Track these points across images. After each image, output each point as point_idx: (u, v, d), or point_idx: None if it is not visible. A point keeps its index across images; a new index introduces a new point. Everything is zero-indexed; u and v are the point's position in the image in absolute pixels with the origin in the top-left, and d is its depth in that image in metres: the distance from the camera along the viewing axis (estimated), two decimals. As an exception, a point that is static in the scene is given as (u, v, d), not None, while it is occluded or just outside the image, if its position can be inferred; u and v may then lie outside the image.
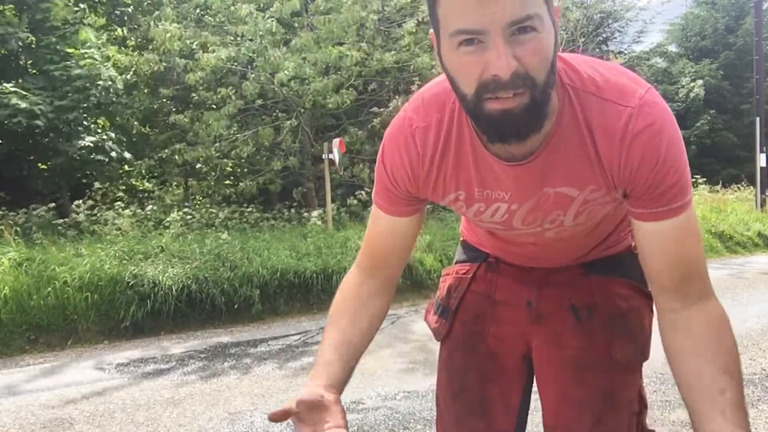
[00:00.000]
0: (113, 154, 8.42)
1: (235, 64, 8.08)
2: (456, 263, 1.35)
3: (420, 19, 8.77)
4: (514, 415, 1.21)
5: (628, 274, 1.16)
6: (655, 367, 3.72)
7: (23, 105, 6.92)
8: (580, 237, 1.11)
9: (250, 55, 7.76)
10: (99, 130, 8.93)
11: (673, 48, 22.06)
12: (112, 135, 8.77)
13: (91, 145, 8.05)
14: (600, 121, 0.89)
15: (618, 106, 0.88)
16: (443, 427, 1.28)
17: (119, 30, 10.20)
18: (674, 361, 0.94)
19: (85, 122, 8.19)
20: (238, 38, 7.96)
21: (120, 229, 6.44)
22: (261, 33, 7.64)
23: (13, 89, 7.08)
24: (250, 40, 7.73)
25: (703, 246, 0.99)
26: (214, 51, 7.45)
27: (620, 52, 18.63)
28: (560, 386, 1.16)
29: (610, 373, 1.13)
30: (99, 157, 8.21)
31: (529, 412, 1.25)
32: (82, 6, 8.76)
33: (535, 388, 1.25)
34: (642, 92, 0.89)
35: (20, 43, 7.69)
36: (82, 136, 8.04)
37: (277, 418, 0.89)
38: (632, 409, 1.14)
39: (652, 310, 1.18)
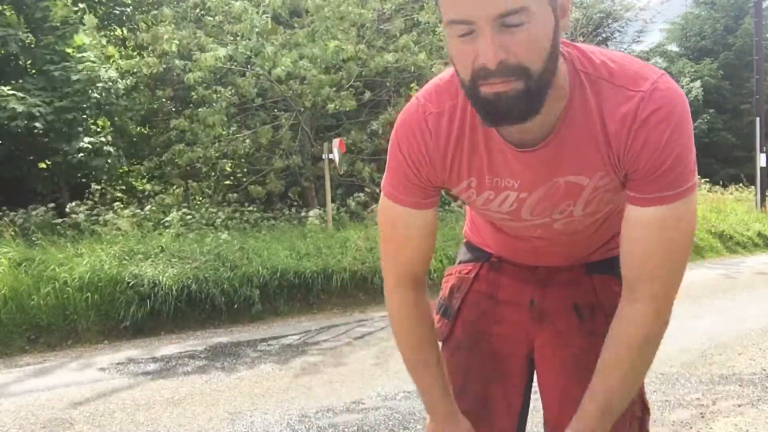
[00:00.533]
0: (110, 159, 8.39)
1: (235, 64, 8.08)
2: (459, 263, 1.35)
3: (415, 20, 8.78)
4: (516, 416, 1.22)
5: None
6: (655, 367, 3.72)
7: (20, 108, 6.90)
8: (588, 231, 1.11)
9: (247, 53, 7.75)
10: (99, 131, 8.91)
11: (673, 48, 22.08)
12: (110, 138, 8.76)
13: (89, 146, 8.04)
14: (611, 106, 0.90)
15: (629, 92, 0.89)
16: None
17: (119, 30, 10.20)
18: None
19: (84, 124, 8.17)
20: (238, 38, 7.96)
21: (120, 229, 6.43)
22: (257, 30, 7.64)
23: (11, 92, 7.06)
24: (248, 39, 7.73)
25: (686, 253, 0.96)
26: (211, 50, 7.46)
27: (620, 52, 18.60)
28: (562, 386, 1.16)
29: None
30: (97, 160, 8.18)
31: (529, 411, 1.26)
32: (81, 5, 8.74)
33: (536, 387, 1.25)
34: (655, 78, 0.90)
35: (20, 44, 7.68)
36: (81, 137, 8.02)
37: None
38: (634, 413, 1.13)
39: None
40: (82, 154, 7.92)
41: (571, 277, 1.18)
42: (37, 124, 7.10)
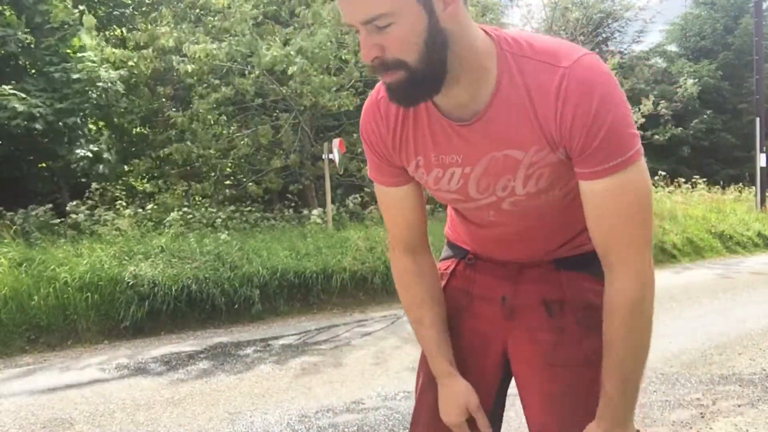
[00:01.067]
0: (108, 166, 8.38)
1: (235, 63, 8.08)
2: (440, 261, 1.39)
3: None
4: (488, 411, 1.23)
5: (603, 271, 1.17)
6: (655, 367, 3.73)
7: (21, 108, 6.90)
8: (547, 219, 1.12)
9: (243, 50, 7.74)
10: (98, 136, 8.90)
11: (672, 48, 22.07)
12: (109, 144, 8.75)
13: (90, 155, 8.04)
14: (536, 82, 0.95)
15: (553, 67, 0.94)
16: (419, 420, 1.29)
17: (118, 30, 10.20)
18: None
19: (84, 128, 8.16)
20: (236, 36, 7.96)
21: (119, 229, 6.43)
22: (248, 24, 7.64)
23: (12, 92, 7.06)
24: (241, 35, 7.73)
25: (644, 217, 0.99)
26: (203, 45, 7.47)
27: (620, 52, 18.62)
28: (534, 381, 1.17)
29: (582, 368, 1.13)
30: (96, 166, 8.19)
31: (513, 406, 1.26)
32: (81, 8, 8.73)
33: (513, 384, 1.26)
34: (578, 55, 0.95)
35: (19, 45, 7.67)
36: (79, 142, 8.02)
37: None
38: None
39: None
40: (83, 162, 7.92)
41: (541, 273, 1.20)
42: (37, 126, 7.09)
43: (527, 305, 1.19)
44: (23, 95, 7.10)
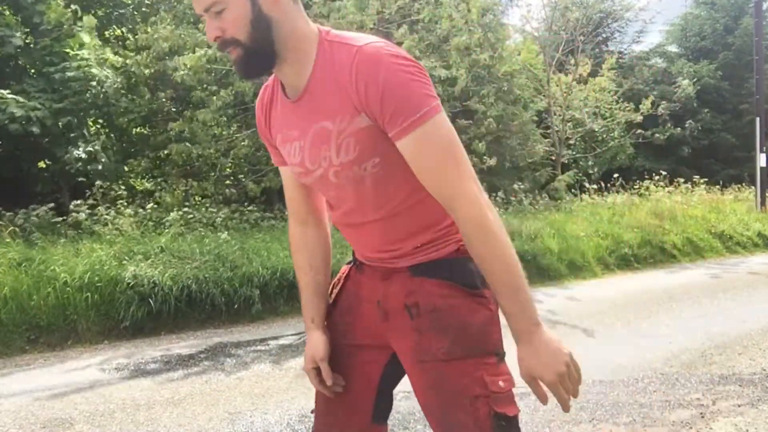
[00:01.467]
0: (105, 168, 8.36)
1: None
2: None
3: (414, 20, 8.76)
4: (372, 398, 1.39)
5: (452, 276, 1.26)
6: (655, 367, 3.73)
7: (19, 113, 6.89)
8: (381, 202, 1.23)
9: None
10: (96, 138, 8.87)
11: (672, 48, 22.08)
12: (106, 144, 8.71)
13: (85, 156, 8.02)
14: (339, 60, 1.14)
15: (350, 47, 1.14)
16: (317, 408, 1.52)
17: (119, 30, 10.18)
18: None
19: (83, 129, 8.13)
20: None
21: (119, 229, 6.43)
22: None
23: (11, 96, 7.05)
24: None
25: (454, 156, 1.13)
26: (197, 50, 7.46)
27: (620, 52, 18.63)
28: (411, 376, 1.31)
29: (437, 363, 1.24)
30: (93, 166, 8.17)
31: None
32: (74, 7, 8.70)
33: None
34: (372, 40, 1.13)
35: (18, 45, 7.65)
36: (78, 144, 8.00)
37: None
38: (471, 393, 1.21)
39: (482, 306, 1.27)
40: (79, 164, 7.91)
41: (402, 279, 1.31)
42: (34, 129, 7.07)
43: (395, 308, 1.30)
44: (22, 99, 7.09)
